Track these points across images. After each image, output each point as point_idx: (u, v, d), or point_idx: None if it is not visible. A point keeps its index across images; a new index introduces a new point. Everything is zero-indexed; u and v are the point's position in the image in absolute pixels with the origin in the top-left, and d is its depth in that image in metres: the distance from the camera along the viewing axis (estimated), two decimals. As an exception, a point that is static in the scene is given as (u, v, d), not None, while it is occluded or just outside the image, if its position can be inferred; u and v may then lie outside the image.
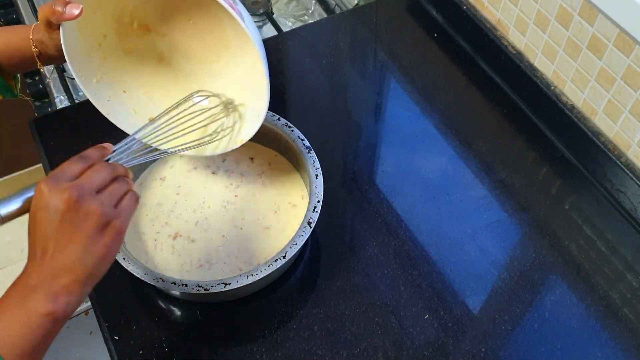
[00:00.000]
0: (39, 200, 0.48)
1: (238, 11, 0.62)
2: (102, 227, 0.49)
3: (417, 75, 1.00)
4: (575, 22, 0.81)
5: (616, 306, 0.75)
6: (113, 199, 0.51)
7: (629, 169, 0.81)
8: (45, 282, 0.48)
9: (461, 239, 0.80)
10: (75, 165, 0.51)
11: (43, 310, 0.48)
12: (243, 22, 0.61)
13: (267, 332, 0.72)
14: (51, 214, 0.48)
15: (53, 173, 0.50)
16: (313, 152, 0.76)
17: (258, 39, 0.65)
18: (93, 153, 0.54)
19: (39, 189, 0.48)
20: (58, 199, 0.47)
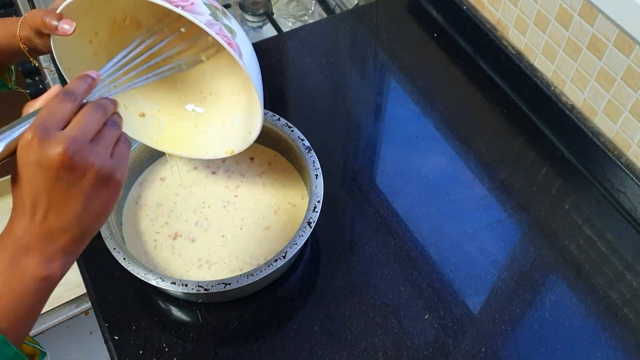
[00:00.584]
0: (27, 154, 0.43)
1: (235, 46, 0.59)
2: (101, 183, 0.45)
3: (417, 75, 1.00)
4: (575, 22, 0.81)
5: (616, 306, 0.75)
6: (108, 149, 0.46)
7: (629, 169, 0.81)
8: (39, 244, 0.45)
9: (461, 239, 0.80)
10: (64, 106, 0.45)
11: (39, 274, 0.45)
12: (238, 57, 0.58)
13: (267, 332, 0.72)
14: (43, 170, 0.43)
15: (41, 119, 0.44)
16: (313, 152, 0.76)
17: (252, 66, 0.62)
18: (79, 87, 0.47)
19: (26, 141, 0.43)
20: (51, 154, 0.42)
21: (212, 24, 0.56)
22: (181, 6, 0.55)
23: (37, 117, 0.44)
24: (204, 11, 0.56)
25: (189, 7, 0.55)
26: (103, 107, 0.47)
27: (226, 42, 0.56)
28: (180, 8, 0.54)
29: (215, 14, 0.57)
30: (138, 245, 0.76)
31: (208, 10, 0.57)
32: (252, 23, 1.24)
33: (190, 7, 0.55)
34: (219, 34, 0.56)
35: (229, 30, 0.58)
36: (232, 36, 0.58)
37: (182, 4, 0.55)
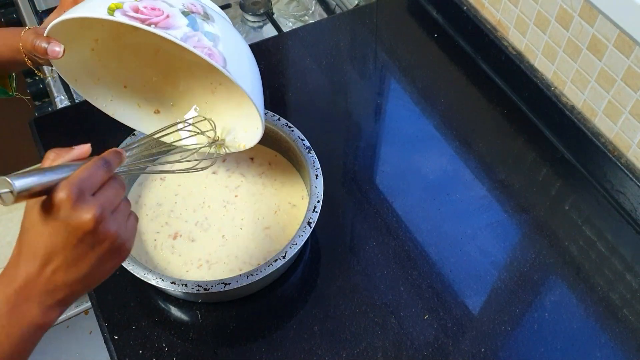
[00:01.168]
0: (57, 210, 0.45)
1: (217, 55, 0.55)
2: (115, 250, 0.48)
3: (417, 76, 1.00)
4: (575, 22, 0.81)
5: (616, 307, 0.75)
6: (125, 220, 0.50)
7: (629, 170, 0.81)
8: (41, 295, 0.46)
9: (461, 239, 0.80)
10: (99, 174, 0.48)
11: (36, 322, 0.46)
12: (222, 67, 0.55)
13: (267, 332, 0.72)
14: (70, 230, 0.45)
15: (79, 181, 0.46)
16: (313, 152, 0.76)
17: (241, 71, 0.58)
18: (114, 159, 0.51)
19: (60, 199, 0.45)
20: (82, 217, 0.45)
21: (189, 36, 0.53)
22: (154, 23, 0.53)
23: (74, 178, 0.46)
24: (181, 23, 0.54)
25: (163, 22, 0.53)
26: (121, 183, 0.50)
27: (206, 54, 0.53)
28: (153, 26, 0.52)
29: (194, 22, 0.55)
30: (138, 245, 0.76)
31: (185, 20, 0.54)
32: (253, 23, 1.24)
33: (165, 21, 0.53)
34: (197, 47, 0.53)
35: (211, 38, 0.55)
36: (215, 43, 0.55)
37: (155, 21, 0.53)
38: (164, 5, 0.54)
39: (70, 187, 0.45)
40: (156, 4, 0.54)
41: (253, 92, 0.59)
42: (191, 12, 0.55)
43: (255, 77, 0.61)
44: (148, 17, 0.52)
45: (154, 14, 0.53)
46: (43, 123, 0.93)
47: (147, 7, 0.53)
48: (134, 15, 0.52)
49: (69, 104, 1.05)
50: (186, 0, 0.56)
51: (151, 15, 0.53)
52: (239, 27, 1.26)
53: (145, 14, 0.52)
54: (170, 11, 0.54)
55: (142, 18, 0.52)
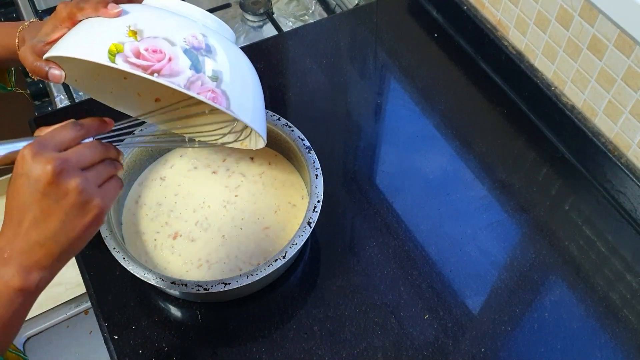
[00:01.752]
0: (21, 166, 0.46)
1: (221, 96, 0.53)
2: (82, 205, 0.47)
3: (417, 76, 1.00)
4: (575, 22, 0.81)
5: (616, 307, 0.75)
6: (98, 179, 0.49)
7: (629, 170, 0.81)
8: (18, 256, 0.47)
9: (461, 239, 0.80)
10: (67, 132, 0.49)
11: (14, 284, 0.46)
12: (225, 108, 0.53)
13: (266, 332, 0.72)
14: (31, 184, 0.45)
15: (42, 138, 0.47)
16: (313, 152, 0.76)
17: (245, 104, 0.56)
18: (91, 124, 0.51)
19: (22, 154, 0.46)
20: (40, 169, 0.45)
21: (192, 81, 0.51)
22: (157, 71, 0.50)
23: (41, 136, 0.48)
24: (183, 66, 0.51)
25: (166, 68, 0.50)
26: (106, 147, 0.50)
27: (210, 98, 0.52)
28: (156, 75, 0.50)
29: (197, 62, 0.52)
30: (138, 245, 0.76)
31: (188, 61, 0.51)
32: (253, 23, 1.24)
33: (167, 67, 0.50)
34: (201, 92, 0.51)
35: (214, 77, 0.53)
36: (218, 83, 0.53)
37: (158, 68, 0.50)
38: (166, 45, 0.51)
39: (32, 143, 0.46)
40: (157, 45, 0.51)
41: (254, 118, 0.57)
42: (193, 47, 0.53)
43: (256, 99, 0.59)
44: (151, 64, 0.50)
45: (155, 58, 0.50)
46: (43, 122, 0.92)
47: (149, 50, 0.50)
48: (136, 62, 0.50)
49: (69, 103, 1.04)
50: (187, 33, 0.53)
51: (153, 61, 0.50)
52: (239, 27, 1.26)
53: (147, 59, 0.50)
54: (173, 52, 0.51)
55: (144, 65, 0.50)
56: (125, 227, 0.77)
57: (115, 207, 0.75)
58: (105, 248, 0.68)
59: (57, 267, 0.49)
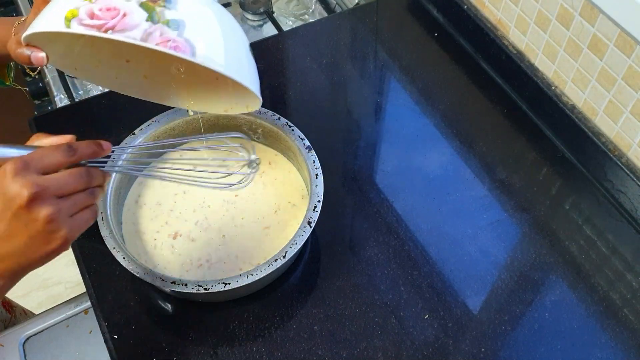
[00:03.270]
0: (2, 179, 0.46)
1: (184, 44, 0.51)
2: (48, 234, 0.47)
3: (417, 75, 1.00)
4: (576, 22, 0.80)
5: (616, 307, 0.75)
6: (71, 209, 0.49)
7: (630, 170, 0.81)
8: None
9: (461, 239, 0.80)
10: (56, 156, 0.49)
11: None
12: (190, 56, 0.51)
13: (267, 331, 0.72)
14: (5, 201, 0.46)
15: (28, 157, 0.47)
16: (313, 152, 0.76)
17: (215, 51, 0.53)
18: (84, 149, 0.51)
19: (4, 169, 0.46)
20: (16, 190, 0.46)
21: (150, 32, 0.50)
22: (111, 28, 0.49)
23: (28, 154, 0.48)
24: (139, 19, 0.50)
25: (120, 23, 0.49)
26: (91, 175, 0.51)
27: (171, 47, 0.50)
28: (110, 31, 0.49)
29: (153, 14, 0.51)
30: (138, 245, 0.76)
31: (144, 13, 0.50)
32: (253, 22, 1.24)
33: (122, 22, 0.49)
34: (160, 42, 0.50)
35: (175, 26, 0.51)
36: (179, 32, 0.51)
37: (111, 25, 0.49)
38: (121, 1, 0.50)
39: (16, 160, 0.46)
40: (112, 3, 0.50)
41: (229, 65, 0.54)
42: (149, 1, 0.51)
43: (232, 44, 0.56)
44: (104, 22, 0.50)
45: (109, 16, 0.50)
46: (43, 122, 0.93)
47: (103, 9, 0.50)
48: (90, 23, 0.49)
49: (69, 102, 1.04)
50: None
51: (107, 18, 0.50)
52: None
53: (101, 17, 0.49)
54: (127, 8, 0.50)
55: (98, 24, 0.49)
56: (125, 226, 0.77)
57: (115, 207, 0.75)
58: (105, 248, 0.68)
59: (17, 279, 0.50)
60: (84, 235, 0.79)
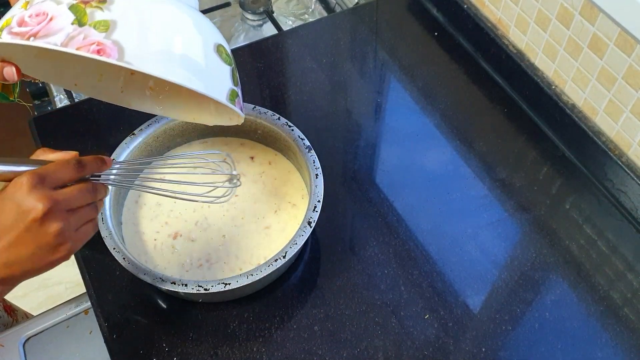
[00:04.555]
0: (14, 192, 0.48)
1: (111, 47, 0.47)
2: (55, 246, 0.50)
3: (417, 74, 1.00)
4: (576, 21, 0.80)
5: (617, 306, 0.74)
6: (78, 223, 0.52)
7: (630, 169, 0.81)
8: None
9: (462, 238, 0.80)
10: (68, 171, 0.51)
11: None
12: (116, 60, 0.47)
13: (267, 332, 0.72)
14: (19, 213, 0.48)
15: (43, 171, 0.50)
16: (313, 152, 0.76)
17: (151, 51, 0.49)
18: (91, 165, 0.54)
19: (20, 182, 0.48)
20: (32, 204, 0.48)
21: (72, 36, 0.47)
22: (34, 34, 0.46)
23: (42, 168, 0.50)
24: (64, 23, 0.47)
25: (44, 29, 0.47)
26: (97, 190, 0.54)
27: (93, 51, 0.46)
28: (32, 38, 0.46)
29: (82, 16, 0.47)
30: (138, 245, 0.76)
31: (71, 16, 0.47)
32: (252, 21, 1.24)
33: (46, 27, 0.47)
34: (82, 46, 0.46)
35: (102, 28, 0.47)
36: (107, 33, 0.47)
37: (36, 30, 0.47)
38: (51, 5, 0.48)
39: (32, 174, 0.49)
40: (42, 8, 0.48)
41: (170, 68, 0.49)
42: (82, 1, 0.48)
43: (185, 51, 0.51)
44: (30, 28, 0.47)
45: (36, 22, 0.47)
46: (43, 122, 0.92)
47: (33, 15, 0.48)
48: (17, 30, 0.47)
49: (69, 103, 1.04)
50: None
51: (33, 24, 0.47)
52: (239, 26, 1.26)
53: (29, 24, 0.47)
54: (56, 11, 0.47)
55: (23, 32, 0.47)
56: (125, 227, 0.77)
57: (115, 207, 0.75)
58: (105, 248, 0.68)
59: (17, 284, 0.52)
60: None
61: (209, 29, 0.55)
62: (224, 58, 0.54)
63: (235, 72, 0.56)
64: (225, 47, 0.55)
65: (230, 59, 0.56)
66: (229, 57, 0.55)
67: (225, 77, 0.54)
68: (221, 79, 0.53)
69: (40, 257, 0.50)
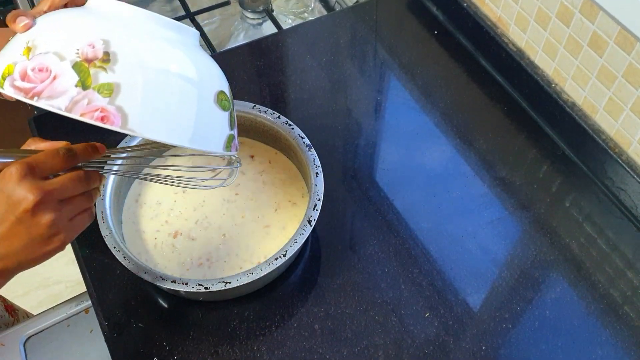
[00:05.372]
0: (4, 183, 0.47)
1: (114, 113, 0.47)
2: (48, 237, 0.49)
3: (417, 73, 1.00)
4: (576, 19, 0.80)
5: (617, 304, 0.75)
6: (71, 213, 0.51)
7: (630, 167, 0.81)
8: None
9: (462, 236, 0.80)
10: (58, 160, 0.50)
11: None
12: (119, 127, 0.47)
13: (267, 330, 0.72)
14: (9, 204, 0.47)
15: (33, 160, 0.48)
16: (313, 150, 0.76)
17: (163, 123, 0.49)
18: (83, 153, 0.53)
19: (9, 172, 0.47)
20: (22, 195, 0.47)
21: (77, 101, 0.46)
22: (38, 94, 0.46)
23: (31, 158, 0.49)
24: (68, 84, 0.46)
25: (48, 88, 0.46)
26: (89, 178, 0.52)
27: (97, 118, 0.46)
28: (36, 98, 0.46)
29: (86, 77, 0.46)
30: (138, 244, 0.76)
31: (75, 77, 0.46)
32: (252, 20, 1.24)
33: (50, 87, 0.46)
34: (86, 112, 0.46)
35: (106, 93, 0.47)
36: (112, 98, 0.47)
37: (40, 89, 0.46)
38: (54, 60, 0.47)
39: (21, 164, 0.47)
40: (45, 62, 0.47)
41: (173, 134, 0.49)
42: (85, 59, 0.47)
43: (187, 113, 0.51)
44: (33, 86, 0.46)
45: (40, 79, 0.46)
46: (43, 121, 0.92)
47: (35, 69, 0.47)
48: (20, 85, 0.46)
49: (68, 102, 1.04)
50: (84, 42, 0.47)
51: (37, 81, 0.46)
52: (238, 25, 1.26)
53: (32, 80, 0.46)
54: (59, 69, 0.46)
55: (27, 88, 0.46)
56: (126, 225, 0.77)
57: (115, 206, 0.75)
58: (105, 247, 0.68)
59: (11, 275, 0.51)
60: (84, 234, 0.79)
61: (211, 76, 0.54)
62: (223, 105, 0.55)
63: (233, 113, 0.57)
64: (226, 92, 0.56)
65: (229, 103, 0.56)
66: (227, 102, 0.56)
67: (223, 126, 0.55)
68: (220, 130, 0.55)
69: (33, 248, 0.49)
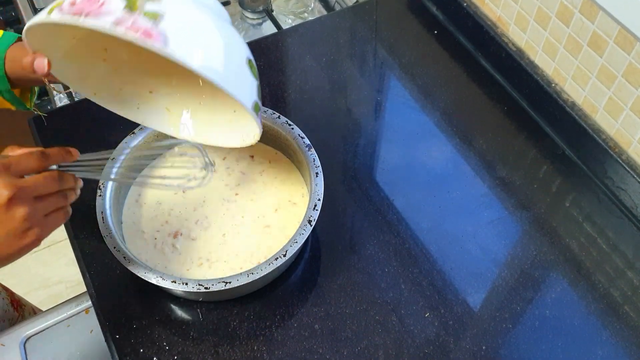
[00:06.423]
0: None
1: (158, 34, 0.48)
2: (22, 231, 0.51)
3: (417, 73, 1.00)
4: (576, 19, 0.80)
5: (617, 304, 0.75)
6: (46, 210, 0.53)
7: (630, 167, 0.81)
8: None
9: (462, 236, 0.80)
10: (32, 160, 0.53)
11: None
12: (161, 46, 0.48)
13: (267, 330, 0.72)
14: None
15: (7, 161, 0.51)
16: (313, 150, 0.76)
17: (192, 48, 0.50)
18: (56, 155, 0.55)
19: None
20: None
21: (121, 20, 0.47)
22: (84, 14, 0.47)
23: (6, 158, 0.52)
24: (115, 7, 0.48)
25: (95, 10, 0.47)
26: (63, 179, 0.55)
27: (140, 36, 0.47)
28: (82, 17, 0.47)
29: (133, 4, 0.48)
30: (138, 244, 0.76)
31: (123, 2, 0.48)
32: (252, 20, 1.24)
33: (97, 9, 0.47)
34: (130, 29, 0.47)
35: (151, 17, 0.48)
36: (155, 23, 0.48)
37: (87, 11, 0.47)
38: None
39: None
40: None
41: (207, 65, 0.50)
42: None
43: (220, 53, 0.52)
44: (81, 9, 0.48)
45: (88, 4, 0.48)
46: (43, 121, 0.92)
47: None
48: (68, 10, 0.48)
49: (68, 102, 1.04)
50: None
51: (85, 6, 0.48)
52: (238, 24, 1.26)
53: (80, 6, 0.48)
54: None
55: (74, 11, 0.48)
56: (126, 226, 0.77)
57: (115, 206, 0.75)
58: (105, 247, 0.68)
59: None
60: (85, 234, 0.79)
61: (243, 43, 0.57)
62: (253, 72, 0.56)
63: (259, 88, 0.58)
64: (254, 63, 0.57)
65: (257, 75, 0.58)
66: (256, 73, 0.57)
67: (253, 89, 0.56)
68: (250, 90, 0.56)
69: (9, 243, 0.51)
